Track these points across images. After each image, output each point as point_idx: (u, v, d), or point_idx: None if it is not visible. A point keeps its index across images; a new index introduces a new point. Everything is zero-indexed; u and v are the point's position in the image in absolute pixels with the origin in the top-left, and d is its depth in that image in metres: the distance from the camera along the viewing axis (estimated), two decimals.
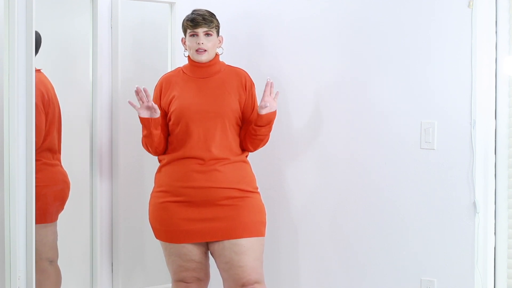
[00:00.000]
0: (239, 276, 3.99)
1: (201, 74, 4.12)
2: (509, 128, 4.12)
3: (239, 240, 3.99)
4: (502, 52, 4.11)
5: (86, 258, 4.57)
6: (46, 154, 4.30)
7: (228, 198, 4.01)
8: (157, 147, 4.07)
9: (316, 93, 4.52)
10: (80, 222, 4.56)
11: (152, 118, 4.01)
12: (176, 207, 4.02)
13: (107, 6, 4.59)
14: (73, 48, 4.57)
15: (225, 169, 4.04)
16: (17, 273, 4.01)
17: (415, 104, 4.22)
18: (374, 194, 4.35)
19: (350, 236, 4.43)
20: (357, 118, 4.39)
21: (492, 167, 4.13)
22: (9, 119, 3.98)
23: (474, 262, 4.10)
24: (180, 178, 4.03)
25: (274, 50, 4.64)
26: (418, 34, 4.21)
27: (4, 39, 3.97)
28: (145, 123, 4.02)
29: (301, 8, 4.55)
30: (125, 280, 4.69)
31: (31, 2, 4.02)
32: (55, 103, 4.36)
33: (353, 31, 4.40)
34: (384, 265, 4.33)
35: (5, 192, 4.00)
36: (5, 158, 3.99)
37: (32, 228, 4.04)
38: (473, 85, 4.07)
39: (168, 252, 4.08)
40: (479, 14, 4.06)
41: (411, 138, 4.24)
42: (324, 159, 4.50)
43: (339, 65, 4.45)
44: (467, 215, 4.11)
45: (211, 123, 4.04)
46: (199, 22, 4.05)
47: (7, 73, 3.98)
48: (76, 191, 4.48)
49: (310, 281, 4.57)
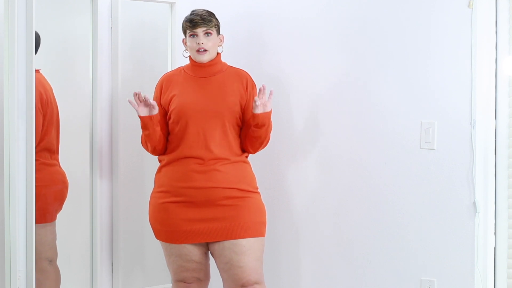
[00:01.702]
0: (239, 276, 3.99)
1: (202, 73, 4.12)
2: (509, 128, 4.12)
3: (239, 241, 3.99)
4: (502, 52, 4.11)
5: (86, 258, 4.57)
6: (44, 154, 4.30)
7: (228, 198, 4.01)
8: (156, 145, 4.07)
9: (316, 93, 4.52)
10: (80, 222, 4.56)
11: (152, 116, 4.01)
12: (176, 207, 4.02)
13: (107, 6, 4.59)
14: (73, 48, 4.57)
15: (225, 169, 4.03)
16: (17, 273, 4.01)
17: (415, 104, 4.22)
18: (374, 194, 4.35)
19: (350, 236, 4.43)
20: (357, 118, 4.39)
21: (492, 167, 4.13)
22: (9, 119, 3.98)
23: (474, 262, 4.10)
24: (180, 179, 4.03)
25: (274, 50, 4.64)
26: (418, 34, 4.21)
27: (4, 39, 3.97)
28: (145, 121, 4.02)
29: (301, 8, 4.55)
30: (125, 280, 4.69)
31: (31, 2, 4.02)
32: (53, 104, 4.36)
33: (353, 31, 4.40)
34: (384, 265, 4.33)
35: (5, 192, 4.00)
36: (5, 158, 3.99)
37: (32, 228, 4.04)
38: (473, 85, 4.07)
39: (169, 252, 4.08)
40: (479, 14, 4.06)
41: (411, 138, 4.24)
42: (324, 158, 4.50)
43: (339, 65, 4.45)
44: (467, 215, 4.11)
45: (211, 123, 4.04)
46: (197, 22, 4.05)
47: (7, 73, 3.97)
48: (76, 191, 4.48)
49: (310, 281, 4.57)
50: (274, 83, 4.59)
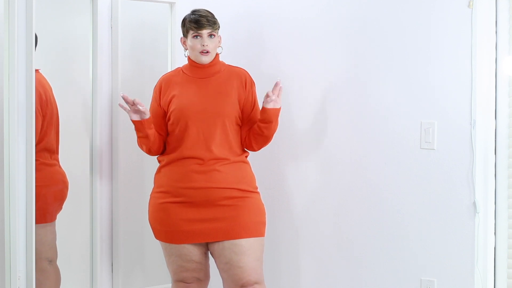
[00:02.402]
0: (238, 276, 3.99)
1: (201, 74, 4.11)
2: (509, 128, 4.12)
3: (239, 241, 3.99)
4: (502, 52, 4.11)
5: (86, 258, 4.57)
6: (44, 154, 4.30)
7: (228, 198, 4.01)
8: (151, 147, 4.07)
9: (316, 93, 4.52)
10: (80, 222, 4.56)
11: (143, 121, 4.01)
12: (176, 207, 4.02)
13: (107, 6, 4.58)
14: (73, 48, 4.57)
15: (225, 169, 4.03)
16: (17, 273, 4.01)
17: (415, 104, 4.22)
18: (374, 194, 4.35)
19: (350, 236, 4.43)
20: (357, 118, 4.39)
21: (492, 167, 4.13)
22: (9, 119, 3.98)
23: (474, 262, 4.10)
24: (180, 179, 4.03)
25: (274, 50, 4.64)
26: (418, 34, 4.21)
27: (4, 39, 3.97)
28: (137, 125, 4.03)
29: (301, 8, 4.55)
30: (125, 280, 4.69)
31: (31, 2, 4.02)
32: (53, 104, 4.36)
33: (353, 31, 4.40)
34: (384, 265, 4.33)
35: (5, 192, 4.00)
36: (5, 158, 3.99)
37: (32, 228, 4.03)
38: (473, 85, 4.08)
39: (168, 252, 4.08)
40: (479, 14, 4.06)
41: (411, 138, 4.24)
42: (324, 158, 4.50)
43: (339, 65, 4.45)
44: (467, 215, 4.11)
45: (211, 123, 4.03)
46: (203, 24, 4.04)
47: (7, 73, 3.97)
48: (76, 191, 4.48)
49: (310, 281, 4.57)
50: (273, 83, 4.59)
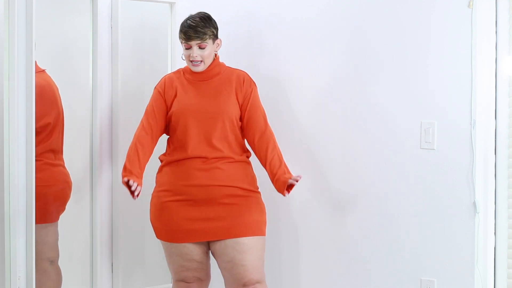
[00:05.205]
0: (241, 275, 3.99)
1: (200, 77, 4.11)
2: (509, 128, 4.12)
3: (242, 239, 3.99)
4: (502, 52, 4.11)
5: (86, 258, 4.57)
6: (49, 155, 4.30)
7: (230, 196, 4.01)
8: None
9: (316, 93, 4.52)
10: (80, 222, 4.56)
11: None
12: (178, 206, 4.02)
13: (107, 6, 4.59)
14: (73, 48, 4.57)
15: (227, 167, 4.04)
16: (17, 273, 4.01)
17: (415, 104, 4.22)
18: (374, 194, 4.35)
19: (350, 235, 4.43)
20: (357, 118, 4.39)
21: (492, 167, 4.13)
22: (9, 119, 3.98)
23: (474, 262, 4.10)
24: (182, 177, 4.03)
25: (274, 50, 4.64)
26: (418, 34, 4.21)
27: (4, 39, 3.97)
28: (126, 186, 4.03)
29: (301, 8, 4.56)
30: (125, 280, 4.69)
31: (31, 2, 4.02)
32: (59, 104, 4.36)
33: (353, 31, 4.40)
34: (384, 265, 4.33)
35: (5, 192, 4.00)
36: (5, 158, 3.99)
37: (32, 228, 4.03)
38: (473, 85, 4.08)
39: (169, 251, 4.08)
40: (479, 14, 4.06)
41: (411, 138, 4.24)
42: (324, 158, 4.50)
43: (339, 65, 4.45)
44: (467, 215, 4.11)
45: (211, 123, 4.04)
46: (191, 36, 4.00)
47: (7, 73, 3.98)
48: (76, 191, 4.48)
49: (310, 280, 4.57)
50: (273, 83, 4.59)
